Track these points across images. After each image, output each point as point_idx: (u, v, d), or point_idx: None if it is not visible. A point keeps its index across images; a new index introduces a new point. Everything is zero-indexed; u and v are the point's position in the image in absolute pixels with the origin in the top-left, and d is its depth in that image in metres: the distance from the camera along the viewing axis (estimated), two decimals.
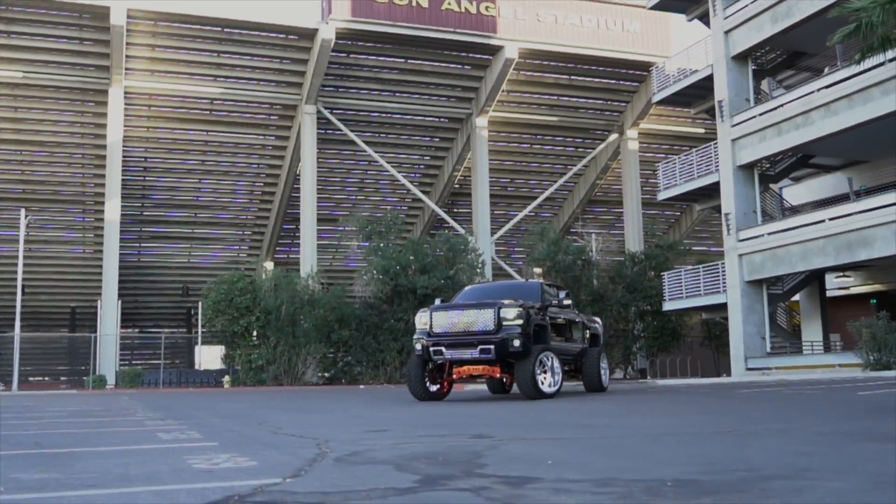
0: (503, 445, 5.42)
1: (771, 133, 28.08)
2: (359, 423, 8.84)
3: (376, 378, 36.89)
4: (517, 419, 8.80)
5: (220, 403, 16.09)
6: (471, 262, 38.52)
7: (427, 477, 3.89)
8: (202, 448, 5.75)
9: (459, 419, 8.97)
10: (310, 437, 6.47)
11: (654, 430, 6.56)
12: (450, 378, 15.67)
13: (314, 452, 5.20)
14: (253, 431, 7.47)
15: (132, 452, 5.53)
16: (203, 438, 6.66)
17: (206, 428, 8.07)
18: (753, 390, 15.58)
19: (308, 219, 42.83)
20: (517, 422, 8.34)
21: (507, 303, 14.74)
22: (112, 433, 7.61)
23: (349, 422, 9.00)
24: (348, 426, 8.13)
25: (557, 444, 5.55)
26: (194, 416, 11.00)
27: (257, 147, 46.70)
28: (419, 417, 9.45)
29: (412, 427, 7.64)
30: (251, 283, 36.45)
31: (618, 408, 11.09)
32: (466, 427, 7.58)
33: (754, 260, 28.93)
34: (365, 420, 9.32)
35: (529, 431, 6.84)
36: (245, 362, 35.99)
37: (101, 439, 6.88)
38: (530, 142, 50.85)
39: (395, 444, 5.74)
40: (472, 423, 8.31)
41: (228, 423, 9.13)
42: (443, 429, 7.34)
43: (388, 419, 9.24)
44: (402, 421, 8.78)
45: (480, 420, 8.73)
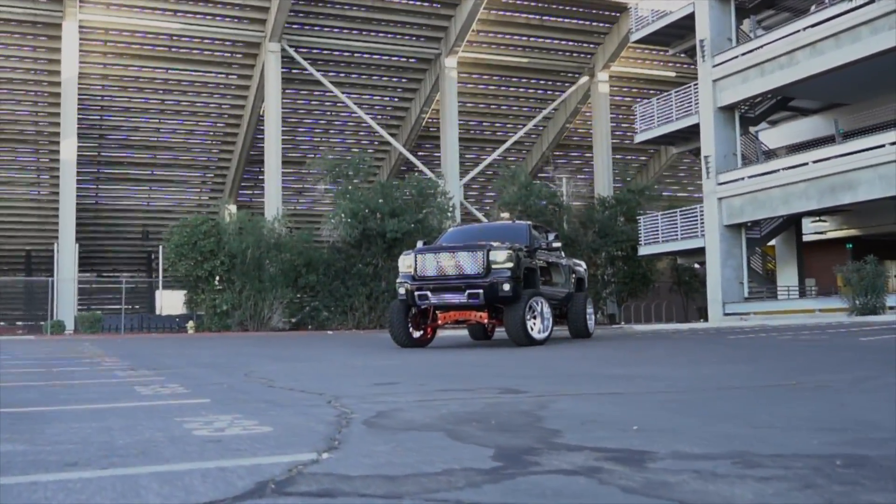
0: (552, 403, 4.62)
1: (754, 73, 27.32)
2: (357, 373, 8.00)
3: (345, 324, 36.12)
4: (528, 369, 8.02)
5: (191, 350, 15.18)
6: (441, 206, 37.62)
7: (502, 450, 3.06)
8: (193, 407, 4.88)
9: (467, 369, 8.16)
10: (313, 392, 5.62)
11: (707, 384, 5.79)
12: (434, 324, 14.90)
13: (333, 413, 4.35)
14: (244, 384, 6.60)
15: (111, 412, 4.64)
16: (190, 394, 5.78)
17: (189, 380, 7.19)
18: (750, 336, 14.97)
19: (273, 161, 41.55)
20: (531, 372, 7.54)
21: (497, 245, 13.94)
22: (82, 387, 6.70)
23: (346, 372, 8.16)
24: (348, 378, 7.29)
25: (614, 401, 4.76)
26: (169, 364, 10.10)
27: (219, 86, 45.17)
28: (419, 366, 8.64)
29: (423, 379, 6.81)
30: (215, 226, 35.29)
31: (627, 355, 10.36)
32: (484, 379, 6.77)
33: (734, 204, 28.35)
34: (360, 370, 8.49)
35: (561, 384, 6.03)
36: (209, 307, 35.00)
37: (70, 394, 5.97)
38: (500, 84, 49.78)
39: (420, 401, 4.91)
40: (486, 373, 7.51)
41: (210, 373, 8.25)
42: (459, 381, 6.52)
43: (387, 369, 8.42)
44: (404, 371, 7.96)
45: (491, 370, 7.93)
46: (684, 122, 30.46)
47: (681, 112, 31.02)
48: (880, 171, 23.44)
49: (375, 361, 9.99)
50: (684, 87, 31.41)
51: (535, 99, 50.96)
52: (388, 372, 7.95)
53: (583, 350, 12.14)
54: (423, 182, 38.41)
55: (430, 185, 38.23)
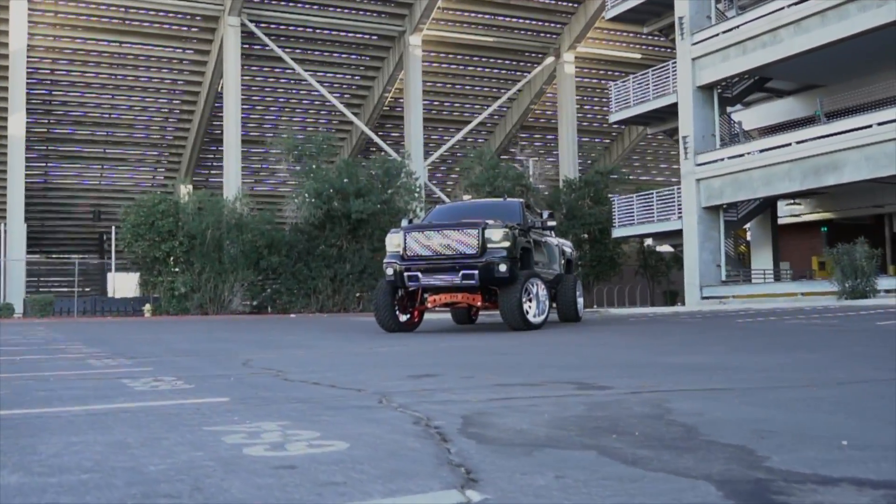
0: (667, 403, 3.72)
1: (735, 52, 26.63)
2: (370, 362, 7.03)
3: (308, 307, 35.03)
4: (562, 357, 7.12)
5: (159, 335, 14.06)
6: (408, 186, 36.60)
7: (726, 484, 2.15)
8: (214, 409, 3.90)
9: (491, 357, 7.23)
10: (348, 388, 4.66)
11: (807, 375, 4.92)
12: (422, 307, 13.96)
13: (405, 419, 3.41)
14: (253, 377, 5.60)
15: (114, 417, 3.65)
16: (195, 390, 4.78)
17: (182, 371, 6.17)
18: (759, 321, 14.24)
19: (232, 139, 40.11)
20: (573, 361, 6.64)
21: (492, 223, 13.04)
22: (59, 380, 5.65)
23: (356, 361, 7.18)
24: (369, 368, 6.32)
25: (746, 400, 3.87)
26: (145, 352, 9.03)
27: (175, 61, 43.57)
28: (433, 354, 7.71)
29: (461, 370, 5.86)
30: (174, 205, 33.90)
31: (650, 341, 9.49)
32: (529, 369, 5.84)
33: (713, 185, 27.70)
34: (369, 358, 7.52)
35: (635, 377, 5.11)
36: (167, 290, 33.65)
37: (49, 390, 4.93)
38: (464, 63, 48.75)
39: (494, 400, 3.98)
40: (523, 363, 6.57)
41: (201, 363, 7.23)
42: (505, 373, 5.58)
43: (399, 357, 7.46)
44: (424, 359, 7.01)
45: (522, 358, 7.00)
46: (661, 101, 29.73)
47: (657, 91, 30.29)
48: (867, 151, 22.90)
49: (376, 347, 9.02)
50: (661, 66, 30.67)
51: (500, 79, 50.04)
52: (405, 360, 7.00)
53: (590, 335, 11.29)
54: (389, 162, 37.34)
55: (395, 164, 37.17)
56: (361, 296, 36.32)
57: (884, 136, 22.30)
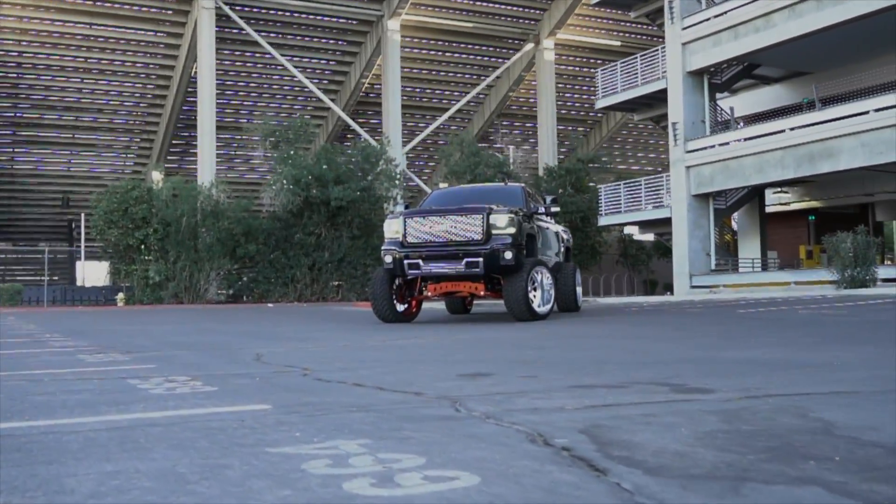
0: (813, 410, 3.09)
1: (727, 37, 26.08)
2: (396, 357, 6.33)
3: (286, 296, 34.25)
4: (603, 351, 6.49)
5: (143, 326, 13.29)
6: (388, 173, 35.85)
7: None
8: (258, 418, 3.23)
9: (530, 353, 6.57)
10: (403, 391, 4.00)
11: (875, 376, 4.32)
12: (421, 297, 13.30)
13: (513, 434, 2.76)
14: (279, 377, 4.91)
15: (144, 433, 2.96)
16: (221, 392, 4.09)
17: (190, 369, 5.46)
18: (759, 311, 13.70)
19: (206, 125, 39.06)
20: (622, 357, 6.01)
21: (497, 207, 12.40)
22: (56, 380, 4.92)
23: (381, 356, 6.47)
24: (406, 366, 5.63)
25: (887, 408, 3.25)
26: (139, 345, 8.28)
27: (147, 44, 42.39)
28: (465, 349, 7.05)
29: (515, 368, 5.21)
30: (147, 191, 32.93)
31: (675, 333, 8.87)
32: (598, 370, 5.20)
33: (703, 172, 27.18)
34: (391, 353, 6.83)
35: (715, 376, 4.48)
36: (141, 279, 32.70)
37: (49, 394, 4.22)
38: (442, 49, 47.98)
39: (596, 407, 3.34)
40: (577, 361, 5.92)
41: (207, 358, 6.51)
42: (570, 373, 4.92)
43: (429, 350, 6.80)
44: (465, 357, 6.35)
45: (564, 354, 6.36)
46: (650, 87, 29.15)
47: (644, 78, 29.72)
48: (863, 138, 22.46)
49: (390, 340, 8.33)
50: (650, 52, 30.08)
51: (479, 66, 49.32)
52: (435, 355, 6.32)
53: (606, 326, 10.68)
54: (369, 148, 36.55)
55: (375, 151, 36.39)
56: (340, 285, 35.59)
57: (881, 122, 21.87)
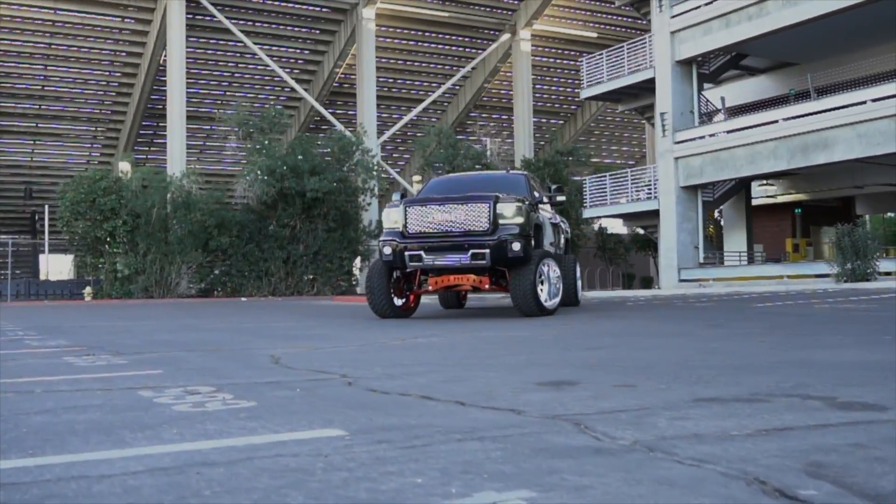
0: None
1: (718, 25, 25.50)
2: (436, 359, 5.54)
3: (260, 290, 33.31)
4: (665, 352, 5.76)
5: (122, 322, 12.39)
6: (364, 164, 34.99)
7: None
8: (339, 449, 2.45)
9: (588, 353, 5.83)
10: (494, 408, 3.23)
11: None
12: (420, 291, 12.53)
13: (718, 477, 2.01)
14: (322, 388, 4.11)
15: (200, 478, 2.18)
16: (262, 409, 3.29)
17: (207, 376, 4.64)
18: (776, 305, 13.09)
19: (176, 114, 37.85)
20: (701, 359, 5.28)
21: (504, 196, 11.66)
22: (50, 392, 4.09)
23: (419, 358, 5.67)
24: (460, 371, 4.84)
25: None
26: (128, 345, 7.41)
27: (114, 31, 41.17)
28: (507, 348, 6.29)
29: (594, 374, 4.46)
30: (116, 181, 31.79)
31: (706, 332, 8.19)
32: (696, 376, 4.46)
33: (692, 164, 26.60)
34: (424, 353, 6.04)
35: (846, 381, 3.78)
36: (109, 272, 31.58)
37: (49, 412, 3.39)
38: (417, 39, 47.15)
39: (776, 434, 2.60)
40: (656, 365, 5.17)
41: (215, 361, 5.68)
42: (669, 381, 4.19)
43: (466, 351, 6.03)
44: (517, 360, 5.59)
45: (627, 354, 5.63)
46: (637, 77, 28.51)
47: (630, 67, 29.08)
48: (860, 129, 21.97)
49: (409, 338, 7.54)
50: (637, 40, 29.46)
51: (454, 56, 48.60)
52: (478, 357, 5.56)
53: (626, 322, 9.97)
54: (345, 138, 35.65)
55: (352, 141, 35.49)
56: (315, 279, 34.71)
57: (879, 112, 21.40)
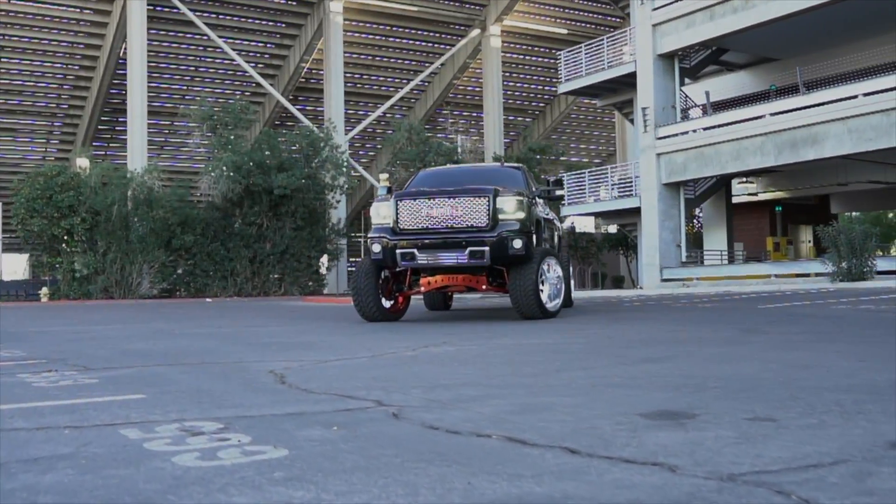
0: None
1: (701, 18, 24.80)
2: (467, 376, 4.63)
3: (225, 290, 32.16)
4: (757, 366, 4.92)
5: (85, 327, 11.32)
6: (333, 160, 33.97)
7: None
8: None
9: (646, 367, 4.96)
10: (630, 460, 2.35)
11: None
12: (411, 292, 11.62)
13: None
14: (361, 422, 3.18)
15: None
16: (295, 460, 2.37)
17: (204, 403, 3.69)
18: (781, 306, 12.35)
19: (137, 109, 36.48)
20: (797, 376, 4.43)
21: (504, 190, 10.80)
22: (7, 439, 3.14)
23: (448, 373, 4.75)
24: (533, 395, 3.95)
25: None
26: (96, 357, 6.39)
27: (72, 22, 39.68)
28: (542, 360, 5.41)
29: (699, 398, 3.58)
30: (74, 177, 30.47)
31: (760, 337, 7.37)
32: (813, 401, 3.61)
33: (675, 160, 25.89)
34: (446, 366, 5.15)
35: None
36: (67, 272, 30.27)
37: (5, 473, 2.44)
38: (385, 34, 46.14)
39: None
40: (764, 384, 4.31)
41: (210, 380, 4.71)
42: (792, 408, 3.32)
43: (497, 364, 5.14)
44: (563, 379, 4.71)
45: (708, 370, 4.77)
46: (617, 71, 27.74)
47: (611, 61, 28.32)
48: (851, 123, 21.36)
49: (419, 347, 6.63)
50: (619, 33, 28.74)
51: (423, 52, 47.66)
52: (529, 374, 4.67)
53: (643, 326, 9.13)
54: (314, 134, 34.58)
55: (320, 136, 34.42)
56: (282, 278, 33.63)
57: (872, 107, 20.83)
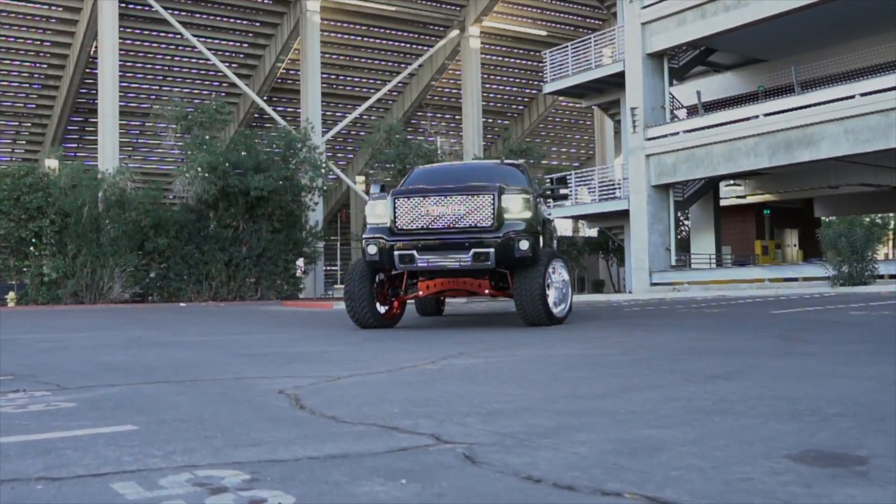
0: None
1: (693, 16, 24.23)
2: (533, 400, 3.96)
3: (200, 294, 31.23)
4: (835, 388, 4.26)
5: (54, 334, 10.49)
6: (312, 161, 33.15)
7: None
8: None
9: (720, 387, 4.27)
10: None
11: None
12: (406, 296, 10.88)
13: None
14: (427, 467, 2.48)
15: None
16: None
17: (219, 440, 2.95)
18: (796, 311, 11.76)
19: (108, 109, 35.36)
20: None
21: (509, 187, 10.11)
22: None
23: (500, 397, 4.08)
24: (615, 424, 3.25)
25: None
26: (69, 370, 5.62)
27: (40, 18, 38.56)
28: (592, 378, 4.73)
29: (815, 426, 2.90)
30: (43, 178, 29.43)
31: (801, 347, 6.73)
32: None
33: (665, 161, 25.29)
34: (484, 383, 4.45)
35: None
36: (35, 276, 29.21)
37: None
38: (362, 34, 45.35)
39: None
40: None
41: (212, 405, 3.95)
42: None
43: (540, 383, 4.45)
44: (636, 405, 4.03)
45: (794, 391, 4.09)
46: (604, 70, 27.12)
47: (597, 61, 27.72)
48: (848, 124, 20.86)
49: (437, 359, 5.92)
50: (606, 32, 28.18)
51: (401, 53, 46.91)
52: (584, 396, 3.98)
53: (669, 335, 8.49)
54: (291, 134, 33.73)
55: (298, 137, 33.58)
56: (258, 282, 32.74)
57: (869, 107, 20.34)
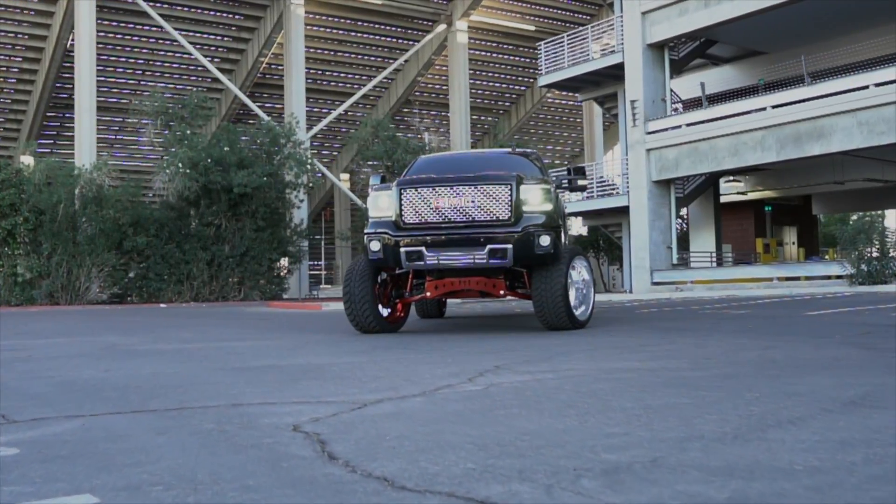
0: None
1: (696, 5, 23.31)
2: (640, 436, 3.00)
3: (180, 295, 30.12)
4: None
5: (20, 341, 9.48)
6: (297, 157, 32.10)
7: None
8: None
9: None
10: None
11: None
12: (411, 298, 9.89)
13: None
14: None
15: None
16: None
17: None
18: (824, 312, 10.90)
19: (85, 103, 34.13)
20: None
21: (527, 177, 9.14)
22: None
23: (597, 437, 3.11)
24: None
25: None
26: (26, 394, 4.64)
27: (15, 10, 37.34)
28: (689, 404, 3.80)
29: None
30: (16, 174, 28.27)
31: (889, 359, 5.83)
32: None
33: (667, 156, 24.37)
34: (569, 421, 3.50)
35: None
36: (8, 276, 28.06)
37: None
38: (348, 28, 44.27)
39: None
40: None
41: (202, 451, 2.98)
42: None
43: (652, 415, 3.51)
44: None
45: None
46: (602, 62, 26.15)
47: (587, 54, 26.79)
48: (861, 116, 20.04)
49: (476, 378, 4.96)
50: (604, 21, 27.23)
51: (387, 47, 45.88)
52: (708, 433, 3.04)
53: (721, 343, 7.57)
54: (276, 129, 32.65)
55: (283, 132, 32.50)
56: (241, 282, 31.64)
57: (883, 98, 19.50)
